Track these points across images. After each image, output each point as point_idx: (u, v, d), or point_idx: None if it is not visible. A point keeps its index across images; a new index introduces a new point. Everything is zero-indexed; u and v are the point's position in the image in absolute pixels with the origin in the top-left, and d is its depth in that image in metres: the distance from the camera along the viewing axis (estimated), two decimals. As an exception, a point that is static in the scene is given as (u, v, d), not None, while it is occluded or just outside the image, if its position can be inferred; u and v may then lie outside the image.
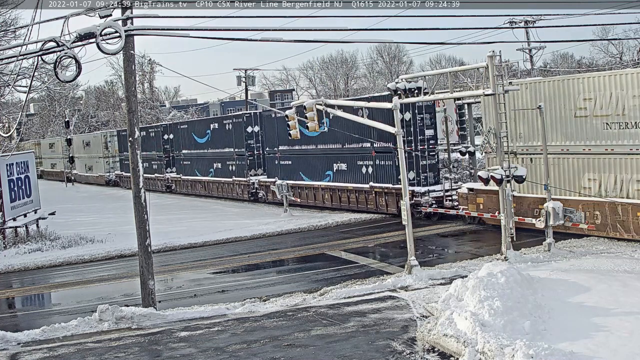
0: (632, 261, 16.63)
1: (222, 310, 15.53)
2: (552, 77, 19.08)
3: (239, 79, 59.43)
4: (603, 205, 19.30)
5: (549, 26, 45.31)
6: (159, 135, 48.62)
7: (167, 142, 47.94)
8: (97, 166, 63.57)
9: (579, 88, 19.75)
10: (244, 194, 38.28)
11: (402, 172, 18.21)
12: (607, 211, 19.25)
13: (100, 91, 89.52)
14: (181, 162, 46.27)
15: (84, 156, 66.56)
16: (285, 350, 12.41)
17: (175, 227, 29.70)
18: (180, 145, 46.00)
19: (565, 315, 12.21)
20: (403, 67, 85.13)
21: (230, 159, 39.55)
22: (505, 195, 18.47)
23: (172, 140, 47.60)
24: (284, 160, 34.96)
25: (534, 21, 42.36)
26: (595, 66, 58.08)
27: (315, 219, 29.25)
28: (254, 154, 37.87)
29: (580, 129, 19.99)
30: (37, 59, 15.03)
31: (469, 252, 20.46)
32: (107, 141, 60.22)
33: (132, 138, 16.10)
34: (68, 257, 25.40)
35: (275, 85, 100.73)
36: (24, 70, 25.44)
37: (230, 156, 39.43)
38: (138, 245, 16.16)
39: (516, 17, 41.21)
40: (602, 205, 19.29)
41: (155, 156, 49.25)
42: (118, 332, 14.48)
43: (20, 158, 30.91)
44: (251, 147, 37.90)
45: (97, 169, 63.38)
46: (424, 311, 13.98)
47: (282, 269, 21.13)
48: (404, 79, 20.43)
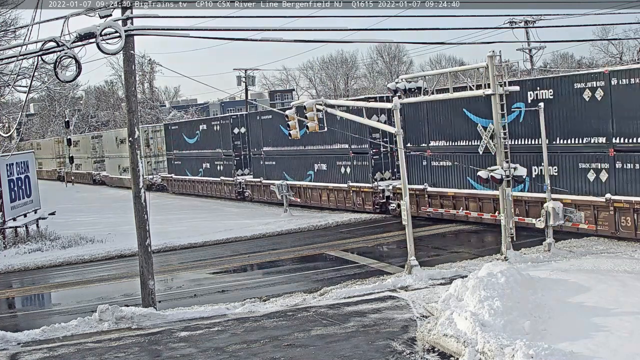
0: (632, 261, 16.63)
1: (222, 310, 15.53)
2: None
3: (239, 79, 59.46)
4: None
5: (549, 26, 45.29)
6: (227, 128, 39.59)
7: (239, 138, 39.24)
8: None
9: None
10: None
11: (401, 172, 18.22)
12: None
13: (100, 91, 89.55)
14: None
15: (116, 156, 56.02)
16: (285, 350, 12.41)
17: (175, 227, 29.70)
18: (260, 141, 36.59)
19: (565, 315, 12.21)
20: (403, 67, 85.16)
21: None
22: (506, 195, 18.46)
23: (243, 135, 39.01)
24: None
25: (534, 21, 42.35)
26: (595, 66, 58.06)
27: (315, 219, 29.25)
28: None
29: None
30: (37, 59, 15.03)
31: (469, 252, 20.46)
32: (149, 137, 50.99)
33: (132, 138, 16.11)
34: (68, 257, 25.40)
35: (275, 85, 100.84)
36: (24, 70, 25.46)
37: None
38: (138, 245, 16.16)
39: (516, 17, 41.19)
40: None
41: (221, 155, 40.34)
42: (118, 332, 14.47)
43: (20, 158, 30.91)
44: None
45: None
46: (424, 311, 13.98)
47: (282, 269, 21.13)
48: (404, 79, 20.41)
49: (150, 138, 51.00)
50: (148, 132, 50.94)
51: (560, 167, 21.01)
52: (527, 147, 21.58)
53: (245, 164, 38.70)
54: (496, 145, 18.52)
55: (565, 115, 20.67)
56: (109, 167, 58.61)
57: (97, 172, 62.11)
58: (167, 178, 47.99)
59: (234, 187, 38.68)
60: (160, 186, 49.16)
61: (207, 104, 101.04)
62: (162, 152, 49.98)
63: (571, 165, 20.60)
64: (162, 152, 50.02)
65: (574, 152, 20.59)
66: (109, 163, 58.69)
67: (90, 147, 63.68)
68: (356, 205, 29.73)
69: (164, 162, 49.87)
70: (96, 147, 62.76)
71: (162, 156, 50.33)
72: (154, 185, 49.07)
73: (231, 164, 39.01)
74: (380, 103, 22.36)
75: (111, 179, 57.49)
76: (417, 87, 19.98)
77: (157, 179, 49.64)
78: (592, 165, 20.16)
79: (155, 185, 49.11)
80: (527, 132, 21.65)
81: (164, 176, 48.92)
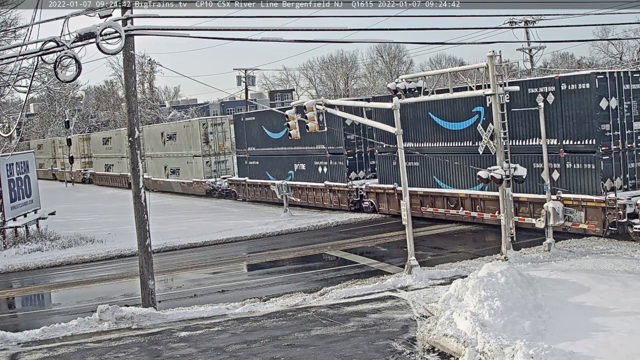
0: (632, 261, 16.63)
1: (222, 310, 15.53)
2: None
3: (239, 79, 59.45)
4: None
5: (549, 26, 45.33)
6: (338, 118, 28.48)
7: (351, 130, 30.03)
8: (188, 169, 43.80)
9: None
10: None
11: (401, 172, 18.21)
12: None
13: (100, 91, 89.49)
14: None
15: (162, 154, 47.33)
16: (285, 350, 12.40)
17: (175, 227, 29.70)
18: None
19: (565, 316, 12.21)
20: (403, 67, 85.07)
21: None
22: (506, 195, 18.46)
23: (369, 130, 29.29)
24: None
25: (534, 21, 42.31)
26: (595, 66, 58.05)
27: (315, 219, 29.25)
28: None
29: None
30: (37, 59, 15.02)
31: (469, 252, 20.46)
32: (208, 132, 42.03)
33: (132, 138, 16.10)
34: (68, 257, 25.41)
35: (275, 85, 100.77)
36: (24, 70, 25.47)
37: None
38: (138, 245, 16.16)
39: (516, 17, 41.18)
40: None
41: (326, 153, 31.71)
42: (118, 332, 14.48)
43: (20, 158, 30.93)
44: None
45: (190, 173, 43.51)
46: (424, 311, 13.98)
47: (282, 269, 21.13)
48: (404, 79, 20.41)
49: (209, 133, 41.98)
50: (207, 125, 42.37)
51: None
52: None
53: (361, 166, 30.89)
54: (496, 145, 18.53)
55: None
56: (152, 168, 49.04)
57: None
58: (238, 182, 39.00)
59: (348, 194, 30.57)
60: (225, 192, 40.60)
61: (207, 104, 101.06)
62: (225, 149, 42.19)
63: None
64: (226, 150, 42.22)
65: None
66: (151, 164, 49.08)
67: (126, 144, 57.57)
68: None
69: (229, 161, 42.14)
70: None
71: (224, 155, 42.36)
72: (216, 190, 40.96)
73: (342, 165, 30.83)
74: (381, 103, 22.35)
75: (154, 182, 47.60)
76: (417, 87, 19.98)
77: (220, 182, 40.73)
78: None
79: (217, 191, 40.73)
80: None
81: (233, 180, 39.99)
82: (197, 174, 42.48)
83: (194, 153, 42.68)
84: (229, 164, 42.25)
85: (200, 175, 42.13)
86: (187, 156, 43.54)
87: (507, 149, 18.73)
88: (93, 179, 62.13)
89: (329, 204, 31.26)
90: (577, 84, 20.47)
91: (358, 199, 29.64)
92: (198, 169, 42.43)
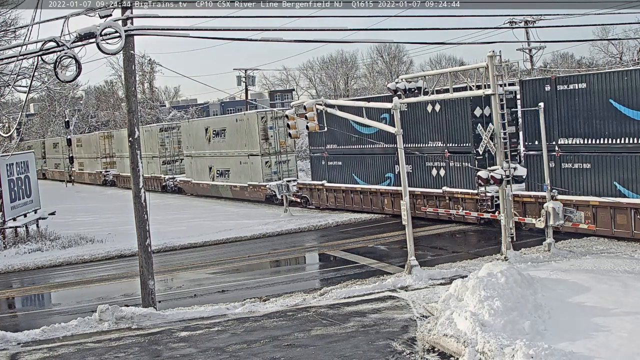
0: (632, 261, 16.64)
1: (222, 310, 15.53)
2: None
3: (239, 79, 59.49)
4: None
5: (549, 26, 45.31)
6: (465, 108, 24.61)
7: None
8: (241, 170, 36.94)
9: None
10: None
11: (402, 171, 18.21)
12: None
13: (100, 91, 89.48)
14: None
15: (206, 154, 40.67)
16: (285, 350, 12.41)
17: (175, 227, 29.70)
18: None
19: (565, 315, 12.21)
20: (403, 67, 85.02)
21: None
22: (506, 195, 18.46)
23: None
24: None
25: (534, 21, 42.35)
26: (595, 66, 58.08)
27: (315, 219, 29.25)
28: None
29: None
30: (37, 59, 15.02)
31: (469, 252, 20.46)
32: (267, 127, 35.50)
33: (132, 138, 16.10)
34: (68, 257, 25.41)
35: (275, 85, 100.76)
36: (24, 70, 25.49)
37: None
38: (138, 245, 16.16)
39: (516, 17, 41.24)
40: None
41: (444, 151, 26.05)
42: (118, 332, 14.48)
43: (20, 158, 30.92)
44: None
45: (244, 175, 36.71)
46: (424, 311, 13.98)
47: (282, 269, 21.13)
48: (404, 79, 20.41)
49: (268, 128, 35.62)
50: (266, 119, 35.58)
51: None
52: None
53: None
54: (496, 145, 18.53)
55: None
56: (193, 169, 42.77)
57: (168, 176, 46.06)
58: (312, 186, 32.57)
59: (478, 203, 24.11)
60: (301, 197, 33.18)
61: (207, 104, 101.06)
62: (287, 147, 35.99)
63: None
64: (288, 148, 36.01)
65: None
66: (192, 164, 42.65)
67: (157, 142, 47.20)
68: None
69: (291, 162, 36.08)
70: (166, 143, 47.03)
71: (286, 154, 35.94)
72: (276, 196, 33.50)
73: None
74: (381, 103, 22.37)
75: (195, 186, 42.03)
76: (417, 87, 19.99)
77: (281, 187, 32.70)
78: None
79: (281, 197, 32.41)
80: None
81: (304, 183, 33.54)
82: (255, 177, 35.77)
83: (249, 152, 36.08)
84: (291, 165, 36.03)
85: (258, 177, 35.38)
86: (240, 155, 36.87)
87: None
88: (116, 181, 55.47)
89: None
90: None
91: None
92: (255, 171, 35.72)
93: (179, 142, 46.09)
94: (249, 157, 36.27)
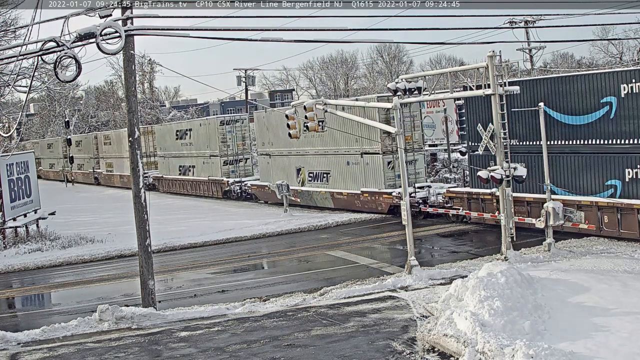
0: (632, 261, 16.63)
1: (222, 310, 15.53)
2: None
3: (239, 79, 59.45)
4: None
5: (549, 26, 45.30)
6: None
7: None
8: (348, 174, 29.73)
9: None
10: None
11: (402, 172, 18.21)
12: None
13: (100, 91, 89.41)
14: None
15: (290, 152, 33.36)
16: (285, 350, 12.40)
17: (175, 227, 29.70)
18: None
19: (565, 315, 12.21)
20: (403, 67, 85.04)
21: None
22: (506, 195, 18.46)
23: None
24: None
25: (534, 21, 42.30)
26: (595, 66, 58.06)
27: (315, 219, 29.24)
28: None
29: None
30: (37, 59, 15.02)
31: (469, 252, 20.46)
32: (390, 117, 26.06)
33: (132, 138, 16.10)
34: (68, 257, 25.41)
35: (275, 85, 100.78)
36: (24, 70, 25.45)
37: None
38: (138, 245, 16.16)
39: (516, 17, 41.16)
40: None
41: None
42: (118, 332, 14.48)
43: (20, 158, 30.92)
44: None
45: (354, 181, 29.26)
46: (424, 311, 13.98)
47: (282, 269, 21.12)
48: (404, 79, 20.42)
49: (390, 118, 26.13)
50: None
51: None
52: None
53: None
54: (496, 145, 18.53)
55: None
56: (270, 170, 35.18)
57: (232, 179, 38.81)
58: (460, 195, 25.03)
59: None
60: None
61: (207, 104, 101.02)
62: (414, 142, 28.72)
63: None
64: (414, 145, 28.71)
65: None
66: (269, 164, 35.31)
67: (218, 137, 39.75)
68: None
69: (419, 161, 28.92)
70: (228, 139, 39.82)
71: (413, 153, 28.45)
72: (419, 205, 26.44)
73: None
74: (381, 103, 22.38)
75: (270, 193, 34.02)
76: (417, 87, 20.00)
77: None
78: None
79: (420, 206, 26.48)
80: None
81: (454, 191, 25.70)
82: (377, 182, 28.06)
83: (370, 149, 28.23)
84: (418, 166, 28.79)
85: (380, 183, 27.80)
86: (350, 153, 29.49)
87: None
88: (158, 185, 47.13)
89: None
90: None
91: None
92: (377, 174, 27.96)
93: (243, 138, 39.75)
94: (362, 156, 28.82)
